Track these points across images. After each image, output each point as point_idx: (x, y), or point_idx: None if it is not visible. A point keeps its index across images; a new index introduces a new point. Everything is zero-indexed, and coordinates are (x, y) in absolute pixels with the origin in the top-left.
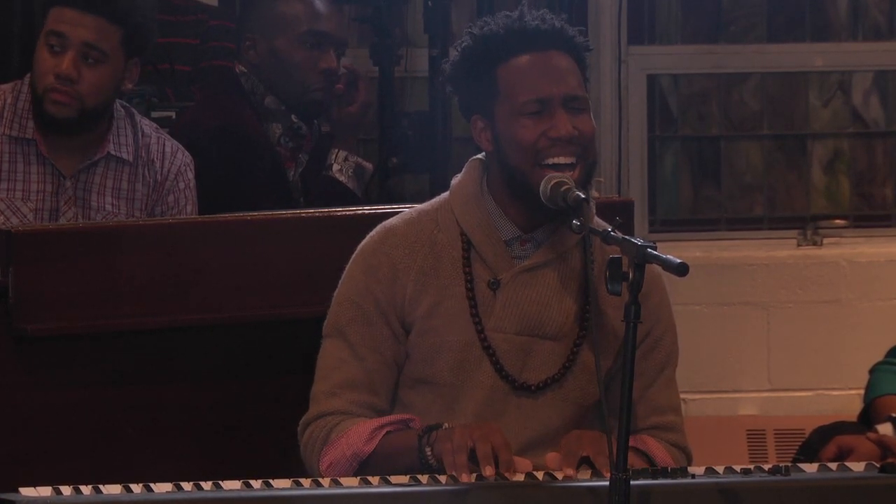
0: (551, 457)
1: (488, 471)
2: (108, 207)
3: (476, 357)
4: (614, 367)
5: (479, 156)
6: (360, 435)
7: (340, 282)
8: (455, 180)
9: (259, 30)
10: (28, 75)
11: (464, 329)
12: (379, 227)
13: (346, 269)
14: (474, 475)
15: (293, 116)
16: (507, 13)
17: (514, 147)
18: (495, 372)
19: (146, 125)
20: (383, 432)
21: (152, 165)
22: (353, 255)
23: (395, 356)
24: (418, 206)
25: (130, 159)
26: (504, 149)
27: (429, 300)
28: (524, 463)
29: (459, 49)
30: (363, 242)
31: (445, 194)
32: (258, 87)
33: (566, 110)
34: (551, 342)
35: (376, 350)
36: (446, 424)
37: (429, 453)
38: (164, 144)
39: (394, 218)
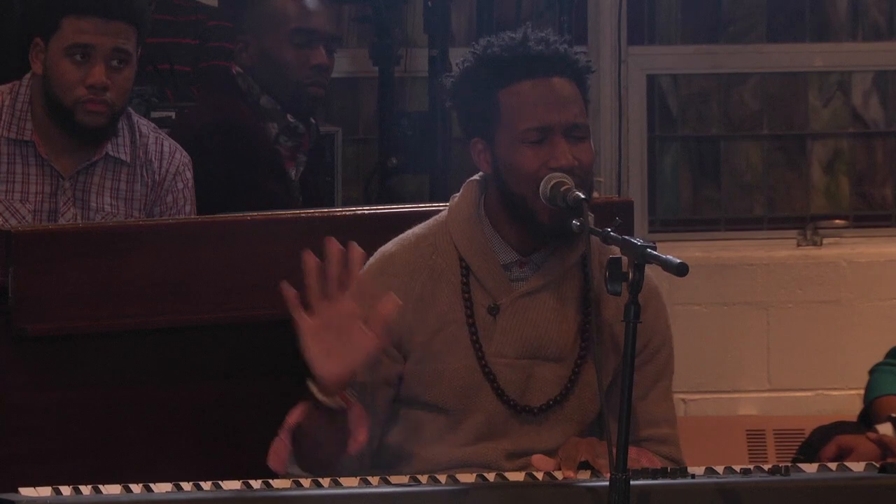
0: (537, 458)
1: None
2: (107, 208)
3: (477, 383)
4: (613, 380)
5: (476, 177)
6: (288, 423)
7: None
8: (452, 202)
9: (250, 30)
10: (27, 77)
11: (464, 355)
12: (377, 255)
13: None
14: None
15: (289, 116)
16: (511, 34)
17: (513, 174)
18: (496, 397)
19: (143, 125)
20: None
21: (150, 165)
22: None
23: (390, 378)
24: (415, 230)
25: (128, 160)
26: (503, 174)
27: (428, 327)
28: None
29: (462, 68)
30: (363, 270)
31: (443, 215)
32: (254, 87)
33: (567, 139)
34: (553, 364)
35: (372, 370)
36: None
37: (315, 391)
38: (161, 144)
39: (391, 244)
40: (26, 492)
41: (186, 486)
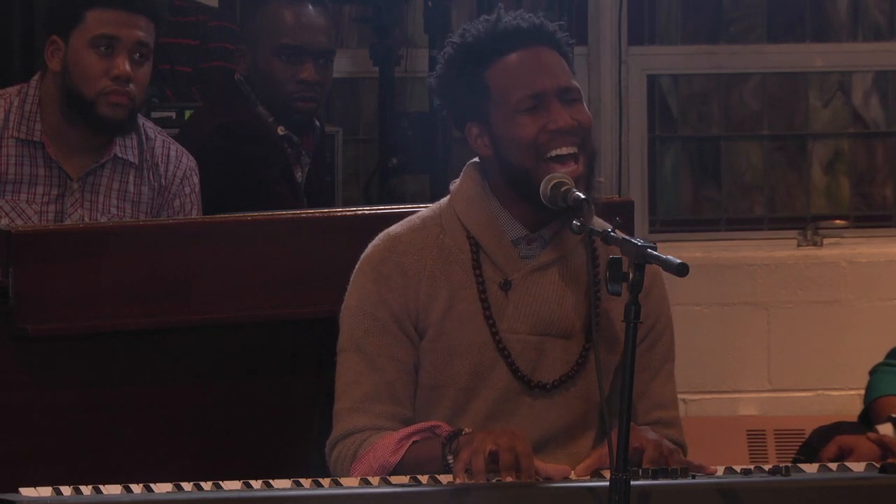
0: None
1: (508, 480)
2: (114, 210)
3: (490, 359)
4: (622, 362)
5: (476, 159)
6: (386, 447)
7: (348, 294)
8: (454, 185)
9: (246, 41)
10: (35, 78)
11: (478, 331)
12: (382, 235)
13: (353, 280)
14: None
15: (280, 128)
16: (486, 17)
17: (514, 146)
18: (510, 373)
19: (150, 128)
20: (409, 442)
21: (157, 169)
22: (359, 266)
23: (414, 363)
24: (419, 213)
25: (136, 162)
26: (504, 150)
27: (441, 304)
28: (561, 469)
29: (444, 60)
30: (368, 252)
31: (444, 200)
32: (251, 95)
33: (561, 102)
34: (564, 340)
35: (395, 358)
36: (467, 430)
37: (451, 461)
38: (168, 148)
39: (396, 225)
40: (26, 492)
41: (187, 486)
